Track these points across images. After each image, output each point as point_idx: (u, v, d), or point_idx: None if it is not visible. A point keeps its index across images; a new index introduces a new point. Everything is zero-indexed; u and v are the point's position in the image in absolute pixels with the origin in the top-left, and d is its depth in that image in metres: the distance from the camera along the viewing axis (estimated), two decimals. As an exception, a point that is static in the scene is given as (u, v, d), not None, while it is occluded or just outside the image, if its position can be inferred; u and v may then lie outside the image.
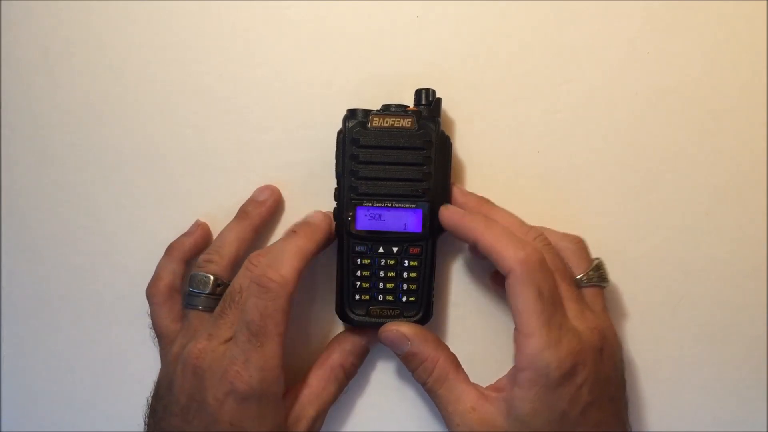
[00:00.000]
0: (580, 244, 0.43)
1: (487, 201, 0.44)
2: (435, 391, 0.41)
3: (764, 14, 0.44)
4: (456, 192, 0.43)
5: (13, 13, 0.46)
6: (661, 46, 0.45)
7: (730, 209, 0.46)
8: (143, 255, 0.46)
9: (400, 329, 0.41)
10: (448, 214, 0.41)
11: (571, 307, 0.39)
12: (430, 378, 0.41)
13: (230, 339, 0.39)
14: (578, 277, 0.42)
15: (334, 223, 0.43)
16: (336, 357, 0.43)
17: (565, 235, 0.43)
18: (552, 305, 0.38)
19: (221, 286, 0.42)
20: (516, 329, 0.39)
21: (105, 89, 0.46)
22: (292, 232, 0.42)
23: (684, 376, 0.47)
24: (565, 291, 0.40)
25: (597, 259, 0.43)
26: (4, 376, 0.49)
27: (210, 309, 0.41)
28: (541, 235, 0.41)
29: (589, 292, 0.42)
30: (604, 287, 0.43)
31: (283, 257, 0.39)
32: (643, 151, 0.45)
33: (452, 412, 0.40)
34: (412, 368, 0.42)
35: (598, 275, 0.42)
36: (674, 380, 0.47)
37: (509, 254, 0.38)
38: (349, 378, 0.44)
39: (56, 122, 0.47)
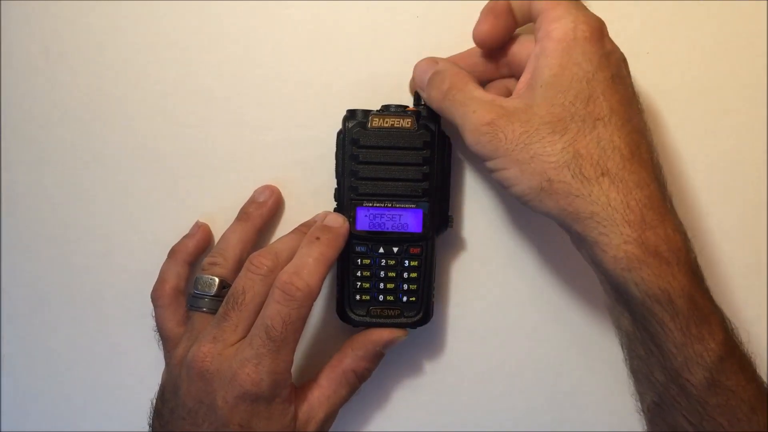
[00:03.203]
0: None
1: None
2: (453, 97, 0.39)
3: (764, 14, 0.44)
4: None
5: (13, 13, 0.46)
6: (661, 46, 0.45)
7: (730, 209, 0.46)
8: (143, 255, 0.47)
9: None
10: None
11: None
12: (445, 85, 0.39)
13: (237, 341, 0.39)
14: None
15: None
16: (348, 362, 0.42)
17: None
18: None
19: (227, 288, 0.42)
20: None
21: (105, 89, 0.46)
22: (315, 238, 0.40)
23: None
24: None
25: None
26: (4, 376, 0.49)
27: (214, 311, 0.41)
28: None
29: None
30: None
31: (309, 265, 0.39)
32: (643, 151, 0.45)
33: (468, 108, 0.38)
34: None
35: None
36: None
37: None
38: (362, 381, 0.43)
39: (56, 122, 0.47)
